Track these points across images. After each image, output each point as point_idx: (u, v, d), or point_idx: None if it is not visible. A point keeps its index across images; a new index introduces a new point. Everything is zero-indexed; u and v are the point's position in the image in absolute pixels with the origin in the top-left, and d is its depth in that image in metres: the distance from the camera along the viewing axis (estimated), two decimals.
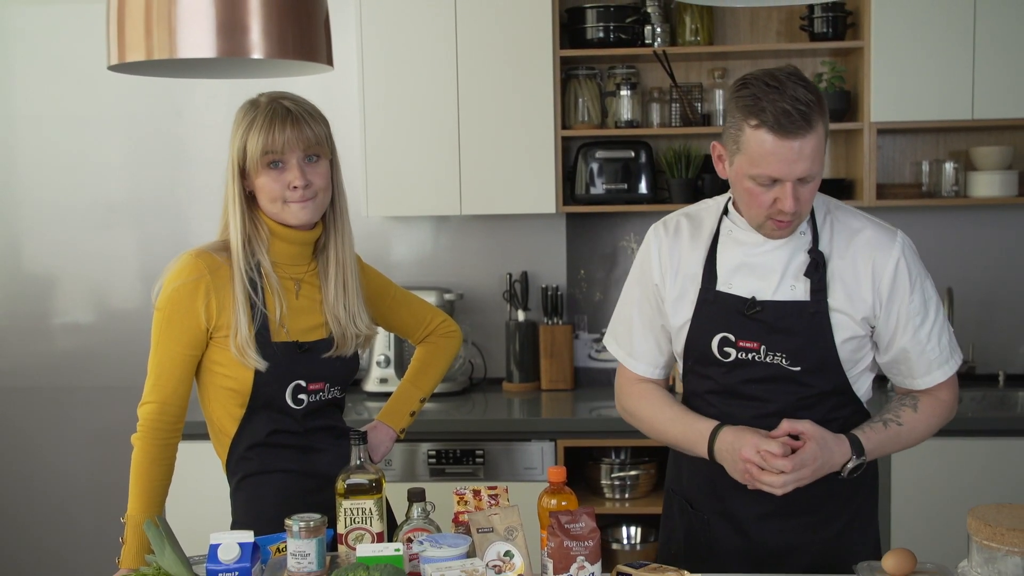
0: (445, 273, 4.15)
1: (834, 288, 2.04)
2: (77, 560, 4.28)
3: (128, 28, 1.70)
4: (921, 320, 2.06)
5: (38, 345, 4.29)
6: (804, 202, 1.97)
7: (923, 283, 2.08)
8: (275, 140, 2.09)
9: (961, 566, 1.67)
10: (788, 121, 1.89)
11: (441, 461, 3.53)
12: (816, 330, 2.03)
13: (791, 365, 2.06)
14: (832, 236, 2.07)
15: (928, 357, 2.09)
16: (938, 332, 2.09)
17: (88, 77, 4.16)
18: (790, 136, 1.90)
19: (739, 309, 2.07)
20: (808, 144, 1.91)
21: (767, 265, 2.07)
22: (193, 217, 4.20)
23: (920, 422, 2.11)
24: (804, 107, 1.89)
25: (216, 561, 1.84)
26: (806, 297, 2.04)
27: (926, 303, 2.07)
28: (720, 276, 2.10)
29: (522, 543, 1.90)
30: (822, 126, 1.93)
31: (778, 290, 2.06)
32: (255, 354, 2.10)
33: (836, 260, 2.05)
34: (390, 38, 3.76)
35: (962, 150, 3.95)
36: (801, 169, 1.92)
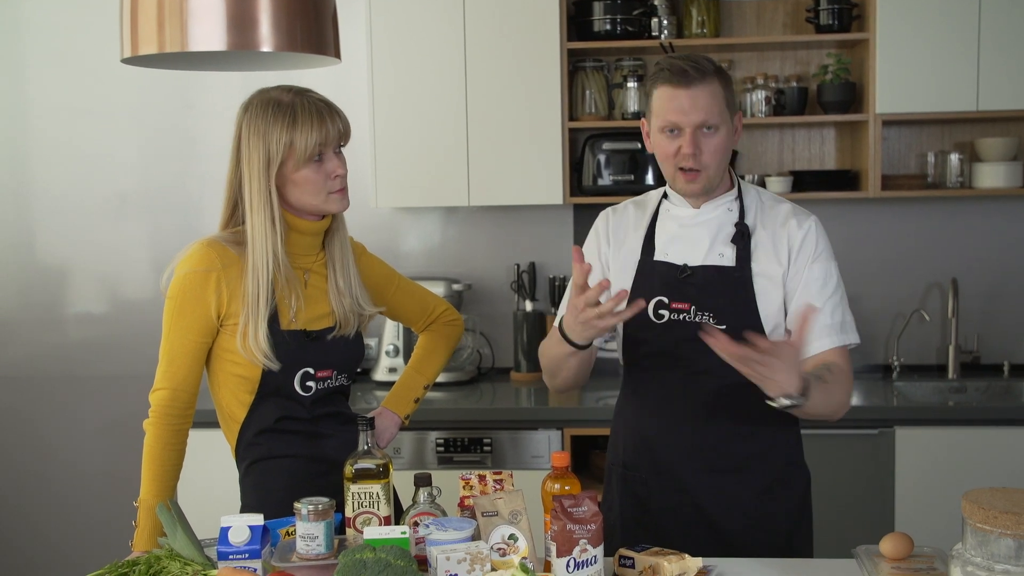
0: (453, 264, 4.19)
1: (756, 255, 2.23)
2: (89, 549, 4.32)
3: (141, 22, 1.74)
4: (819, 288, 2.20)
5: (51, 335, 4.33)
6: (708, 153, 2.18)
7: (827, 260, 2.23)
8: (327, 134, 2.13)
9: (956, 548, 1.70)
10: (682, 74, 2.15)
11: (449, 449, 3.57)
12: (739, 292, 2.21)
13: (718, 324, 2.20)
14: (756, 211, 2.28)
15: (821, 322, 2.18)
16: (832, 306, 2.20)
17: (101, 70, 4.19)
18: (683, 85, 2.15)
19: (674, 275, 2.26)
20: (701, 94, 2.15)
21: (698, 235, 2.27)
22: (205, 208, 4.23)
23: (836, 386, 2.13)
24: (696, 63, 2.16)
25: (227, 543, 1.88)
26: (732, 263, 2.23)
27: (826, 277, 2.21)
28: (657, 247, 2.30)
29: (526, 527, 1.93)
30: (718, 84, 2.17)
31: (707, 256, 2.25)
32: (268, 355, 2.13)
33: (759, 231, 2.25)
34: (399, 30, 3.79)
35: (967, 141, 3.97)
36: (696, 117, 2.15)
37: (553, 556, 1.88)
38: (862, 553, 1.96)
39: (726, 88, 2.19)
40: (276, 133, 2.12)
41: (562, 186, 3.80)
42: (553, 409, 3.65)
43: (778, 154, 4.09)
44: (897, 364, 3.99)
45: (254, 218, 2.14)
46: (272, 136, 2.12)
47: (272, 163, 2.13)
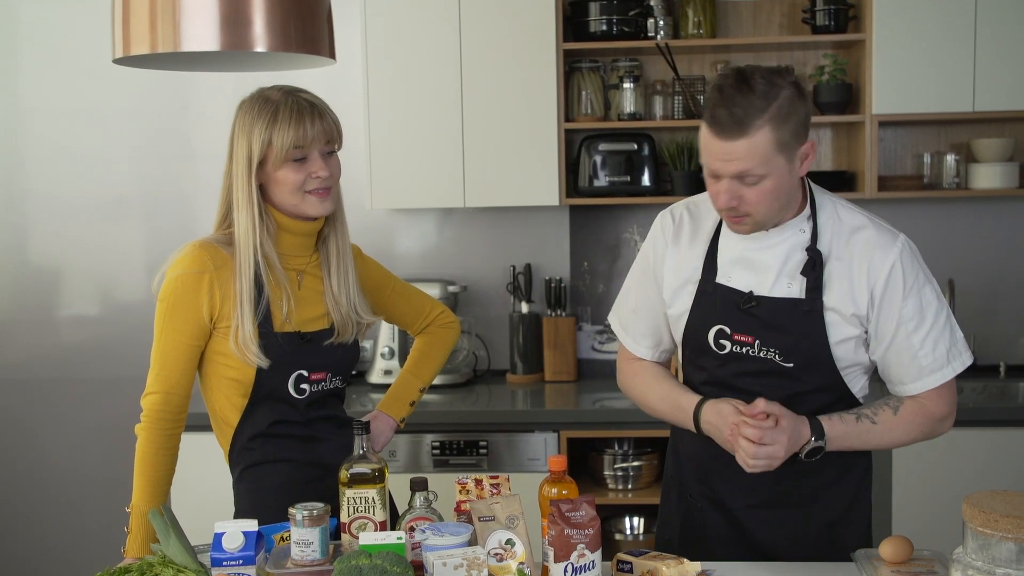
0: (449, 265, 4.17)
1: (830, 287, 2.03)
2: (84, 552, 4.30)
3: (133, 22, 1.72)
4: (915, 326, 2.02)
5: (45, 338, 4.31)
6: (751, 203, 1.97)
7: (921, 288, 2.03)
8: (305, 134, 2.10)
9: (956, 552, 1.69)
10: (721, 125, 1.93)
11: (445, 452, 3.56)
12: (809, 328, 2.03)
13: (784, 361, 2.07)
14: (832, 235, 2.06)
15: (919, 363, 2.04)
16: (934, 339, 2.03)
17: (94, 71, 4.17)
18: (721, 136, 1.93)
19: (736, 302, 2.09)
20: (740, 146, 1.92)
21: (765, 261, 2.08)
22: (199, 210, 4.21)
23: (897, 426, 2.06)
24: (741, 111, 1.91)
25: (221, 550, 1.86)
26: (801, 295, 2.04)
27: (923, 309, 2.02)
28: (720, 268, 2.11)
29: (523, 531, 1.91)
30: (766, 132, 1.91)
31: (774, 287, 2.06)
32: (256, 352, 2.12)
33: (834, 260, 2.04)
34: (394, 31, 3.77)
35: (963, 142, 3.96)
36: (734, 168, 1.94)
37: (551, 561, 1.86)
38: (862, 557, 1.94)
39: (779, 129, 1.91)
40: (257, 130, 2.11)
41: (558, 187, 3.79)
42: (549, 411, 3.63)
43: None
44: None
45: (240, 216, 2.14)
46: (254, 133, 2.12)
47: (253, 160, 2.12)
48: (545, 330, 4.02)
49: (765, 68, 1.98)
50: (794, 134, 1.95)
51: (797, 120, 1.95)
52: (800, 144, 1.97)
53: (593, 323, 4.16)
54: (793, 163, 1.97)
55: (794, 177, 2.00)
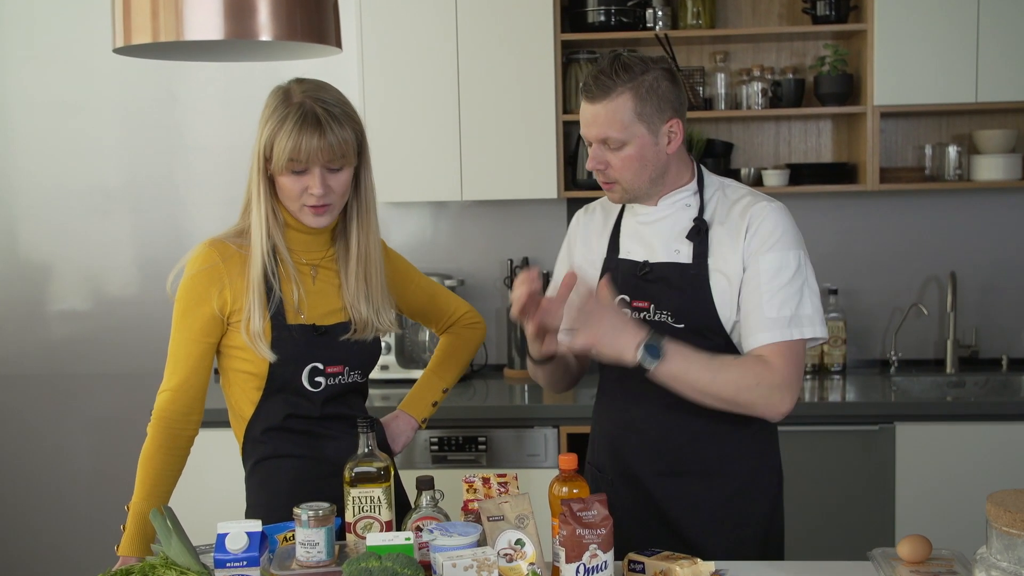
0: (446, 259, 4.13)
1: (714, 251, 2.15)
2: (76, 547, 4.26)
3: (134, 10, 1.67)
4: (768, 279, 2.09)
5: (34, 332, 4.26)
6: (616, 168, 2.12)
7: (785, 249, 2.10)
8: (300, 150, 2.04)
9: (980, 552, 1.65)
10: (587, 87, 2.12)
11: (443, 448, 3.52)
12: (696, 290, 2.13)
13: (675, 323, 2.15)
14: (717, 206, 2.19)
15: (762, 314, 2.08)
16: (782, 299, 2.08)
17: (84, 62, 4.12)
18: (587, 99, 2.12)
19: (634, 272, 2.22)
20: (601, 110, 2.09)
21: (655, 232, 2.21)
22: (190, 203, 4.17)
23: (736, 367, 2.05)
24: (607, 79, 2.08)
25: (224, 551, 1.82)
26: (689, 260, 2.16)
27: (781, 268, 2.09)
28: (621, 245, 2.26)
29: (533, 531, 1.88)
30: (627, 98, 2.07)
31: (664, 253, 2.19)
32: (266, 345, 2.10)
33: (716, 225, 2.17)
34: (390, 22, 3.72)
35: (965, 133, 3.93)
36: (595, 131, 2.11)
37: (562, 561, 1.83)
38: (879, 556, 1.91)
39: (639, 100, 2.08)
40: (268, 128, 2.08)
41: (556, 180, 3.75)
42: (548, 407, 3.59)
43: (774, 147, 4.04)
44: (895, 359, 3.96)
45: (253, 207, 2.13)
46: (265, 129, 2.08)
47: (262, 157, 2.10)
48: None
49: (642, 55, 2.16)
50: (657, 108, 2.10)
51: (662, 97, 2.10)
52: (664, 121, 2.11)
53: None
54: (657, 137, 2.11)
55: (660, 151, 2.13)
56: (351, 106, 2.14)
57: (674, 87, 2.13)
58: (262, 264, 2.10)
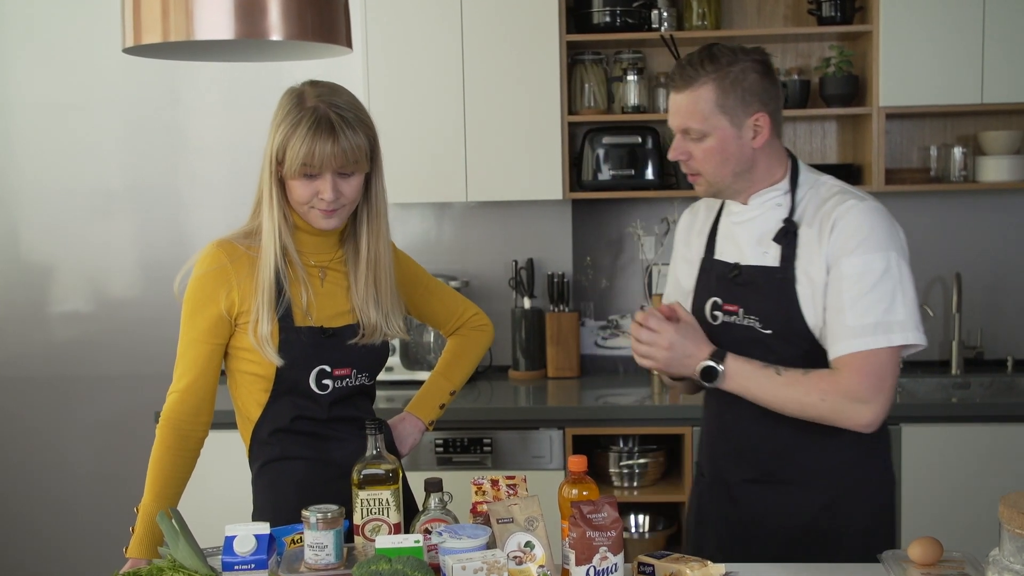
0: (451, 260, 4.12)
1: (800, 254, 2.08)
2: (78, 549, 4.25)
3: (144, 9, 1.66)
4: (851, 284, 1.99)
5: (36, 334, 4.25)
6: (698, 159, 2.10)
7: (872, 251, 1.99)
8: (314, 156, 2.03)
9: (992, 555, 1.64)
10: (673, 76, 2.11)
11: (448, 450, 3.51)
12: (783, 295, 2.08)
13: (763, 328, 2.11)
14: (807, 206, 2.11)
15: (844, 322, 1.98)
16: (866, 305, 1.97)
17: (86, 62, 4.12)
18: (672, 88, 2.11)
19: (726, 274, 2.18)
20: (683, 99, 2.07)
21: (745, 232, 2.17)
22: (192, 204, 4.16)
23: (799, 384, 2.00)
24: (691, 69, 2.06)
25: (232, 553, 1.81)
26: (776, 263, 2.10)
27: (865, 272, 1.98)
28: (716, 245, 2.23)
29: (543, 533, 1.87)
30: (709, 89, 2.04)
31: (752, 256, 2.14)
32: (273, 350, 2.09)
33: (804, 227, 2.09)
34: (395, 22, 3.72)
35: (970, 134, 3.93)
36: (678, 121, 2.10)
37: (572, 564, 1.82)
38: (889, 558, 1.90)
39: (723, 91, 2.04)
40: (280, 132, 2.06)
41: (561, 181, 3.74)
42: (553, 408, 3.59)
43: None
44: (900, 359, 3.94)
45: (264, 210, 2.12)
46: (276, 131, 2.08)
47: (274, 160, 2.09)
48: (548, 326, 3.97)
49: (738, 46, 2.10)
50: (742, 100, 2.05)
51: (747, 89, 2.06)
52: (750, 115, 2.06)
53: (596, 318, 4.11)
54: (741, 130, 2.07)
55: (744, 145, 2.08)
56: (365, 111, 2.14)
57: (764, 80, 2.08)
58: (273, 267, 2.10)
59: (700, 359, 2.04)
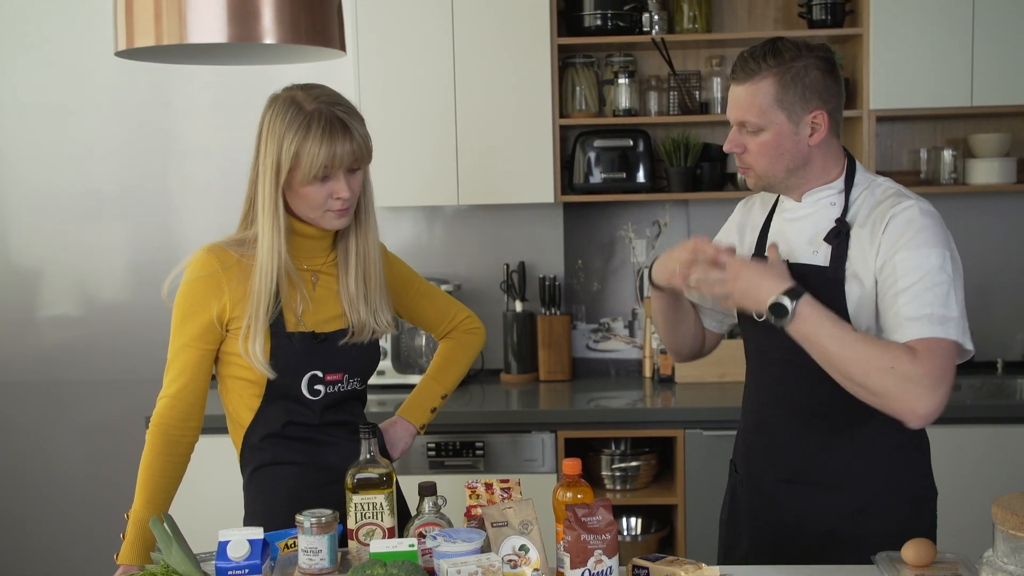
0: (442, 264, 4.12)
1: (852, 256, 2.04)
2: (69, 554, 4.24)
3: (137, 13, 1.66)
4: (907, 276, 1.94)
5: (26, 338, 4.23)
6: (752, 153, 2.08)
7: (927, 247, 1.95)
8: (335, 156, 2.03)
9: (986, 555, 1.65)
10: (735, 71, 2.08)
11: (440, 454, 3.50)
12: (831, 295, 2.02)
13: None
14: (860, 206, 2.08)
15: (901, 315, 1.92)
16: (929, 299, 1.91)
17: (77, 66, 4.10)
18: (734, 80, 2.09)
19: None
20: (743, 91, 2.05)
21: (796, 230, 2.14)
22: (183, 208, 4.15)
23: (875, 346, 1.89)
24: (753, 63, 2.04)
25: (226, 558, 1.81)
26: (826, 263, 2.07)
27: (920, 265, 1.93)
28: (769, 240, 2.19)
29: (537, 537, 1.87)
30: (769, 83, 2.02)
31: (803, 254, 2.11)
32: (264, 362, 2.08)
33: (857, 228, 2.06)
34: (386, 25, 3.71)
35: (960, 137, 3.94)
36: (736, 113, 2.08)
37: (567, 567, 1.82)
38: (883, 559, 1.90)
39: (783, 87, 2.01)
40: (287, 141, 2.03)
41: (553, 184, 3.74)
42: (545, 411, 3.59)
43: None
44: None
45: (264, 223, 2.08)
46: (284, 143, 2.04)
47: (281, 170, 2.06)
48: (540, 329, 3.97)
49: (803, 41, 2.08)
50: (801, 96, 2.03)
51: (808, 86, 2.03)
52: (808, 111, 2.04)
53: (588, 321, 4.11)
54: (798, 126, 2.04)
55: (801, 141, 2.05)
56: (354, 104, 2.14)
57: (827, 78, 2.05)
58: (274, 279, 2.07)
59: (773, 291, 1.91)
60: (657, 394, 3.77)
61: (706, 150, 3.91)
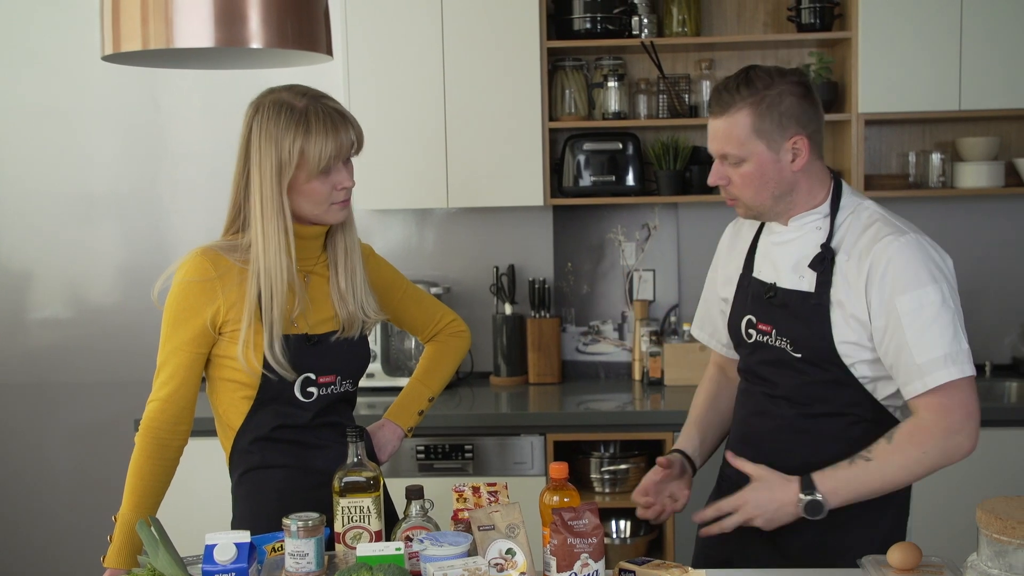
0: (431, 267, 4.12)
1: (837, 283, 2.06)
2: (57, 556, 4.23)
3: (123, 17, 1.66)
4: (910, 322, 1.97)
5: (16, 340, 4.23)
6: (737, 185, 2.10)
7: (920, 286, 1.97)
8: (341, 146, 2.05)
9: (970, 560, 1.66)
10: (711, 104, 2.10)
11: (430, 456, 3.50)
12: (815, 321, 2.07)
13: (793, 351, 2.12)
14: (846, 232, 2.09)
15: (913, 361, 1.96)
16: (931, 340, 1.95)
17: (67, 69, 4.10)
18: (711, 113, 2.10)
19: (762, 293, 2.18)
20: (720, 125, 2.07)
21: (783, 254, 2.16)
22: (174, 211, 4.15)
23: (893, 453, 1.98)
24: (728, 95, 2.05)
25: (212, 562, 1.81)
26: (811, 289, 2.09)
27: (918, 307, 1.97)
28: (755, 263, 2.23)
29: (524, 540, 1.87)
30: (745, 115, 2.03)
31: (788, 279, 2.13)
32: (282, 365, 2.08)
33: (842, 255, 2.07)
34: (376, 29, 3.72)
35: (949, 141, 3.95)
36: (716, 146, 2.09)
37: (553, 571, 1.82)
38: (869, 563, 1.91)
39: (759, 116, 2.02)
40: (288, 141, 2.03)
41: (542, 187, 3.74)
42: (535, 415, 3.59)
43: None
44: None
45: (265, 226, 2.06)
46: (284, 143, 2.03)
47: (285, 171, 2.05)
48: (529, 332, 3.97)
49: (776, 68, 2.09)
50: (779, 124, 2.04)
51: (784, 113, 2.04)
52: (787, 138, 2.05)
53: (577, 324, 4.12)
54: (779, 154, 2.06)
55: (783, 168, 2.07)
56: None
57: (803, 103, 2.06)
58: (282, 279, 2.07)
59: (796, 501, 1.98)
60: (646, 397, 3.77)
61: (695, 153, 3.92)
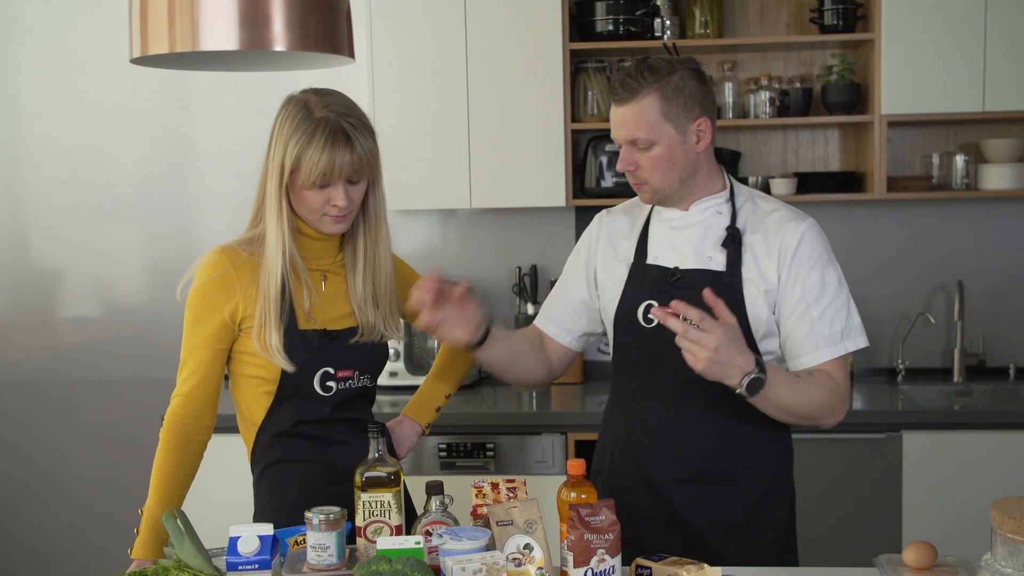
0: (454, 267, 4.14)
1: (747, 261, 2.17)
2: (83, 553, 4.28)
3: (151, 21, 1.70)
4: (816, 298, 2.13)
5: (45, 339, 4.28)
6: (646, 169, 2.15)
7: (825, 266, 2.16)
8: (334, 166, 2.07)
9: (984, 559, 1.66)
10: (615, 89, 2.16)
11: (452, 455, 3.53)
12: (728, 298, 2.09)
13: None
14: (749, 216, 2.21)
15: (816, 335, 2.13)
16: (831, 315, 2.14)
17: (95, 71, 4.15)
18: (616, 101, 2.16)
19: (664, 278, 2.22)
20: (628, 111, 2.12)
21: (687, 238, 2.22)
22: (200, 211, 4.19)
23: (817, 385, 2.11)
24: (633, 82, 2.12)
25: (236, 554, 1.84)
26: (722, 268, 2.18)
27: (824, 285, 2.14)
28: (649, 251, 2.26)
29: (542, 536, 1.89)
30: (653, 99, 2.10)
31: (696, 261, 2.20)
32: (283, 357, 2.11)
33: (749, 235, 2.18)
34: (400, 31, 3.75)
35: (973, 142, 3.94)
36: (624, 132, 2.14)
37: (570, 566, 1.84)
38: (884, 562, 1.92)
39: (666, 100, 2.11)
40: (291, 144, 2.08)
41: (564, 188, 3.77)
42: (556, 413, 3.61)
43: (782, 156, 4.06)
44: (902, 367, 3.97)
45: (269, 222, 2.13)
46: (288, 145, 2.08)
47: (285, 171, 2.10)
48: None
49: (672, 57, 2.19)
50: (684, 107, 2.12)
51: (688, 96, 2.13)
52: (692, 120, 2.14)
53: None
54: (685, 136, 2.14)
55: (689, 150, 2.15)
56: (366, 115, 2.17)
57: (701, 87, 2.16)
58: (280, 275, 2.12)
59: (746, 370, 1.97)
60: None
61: (717, 154, 3.89)
